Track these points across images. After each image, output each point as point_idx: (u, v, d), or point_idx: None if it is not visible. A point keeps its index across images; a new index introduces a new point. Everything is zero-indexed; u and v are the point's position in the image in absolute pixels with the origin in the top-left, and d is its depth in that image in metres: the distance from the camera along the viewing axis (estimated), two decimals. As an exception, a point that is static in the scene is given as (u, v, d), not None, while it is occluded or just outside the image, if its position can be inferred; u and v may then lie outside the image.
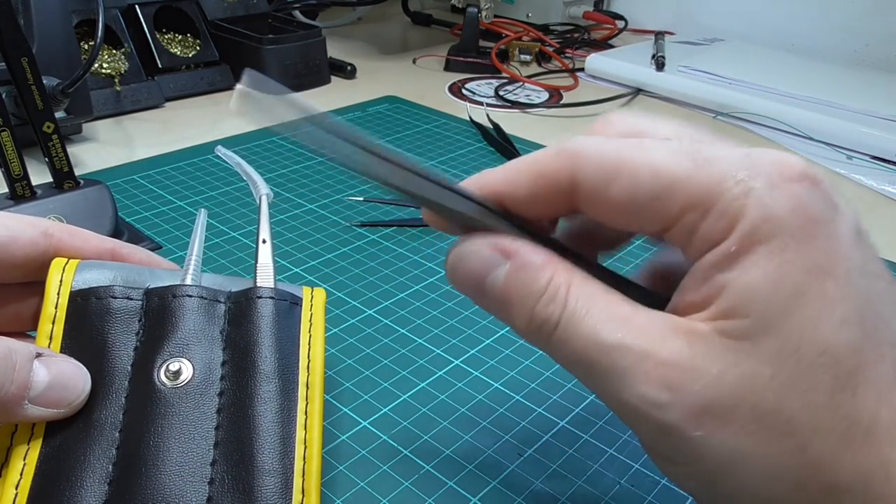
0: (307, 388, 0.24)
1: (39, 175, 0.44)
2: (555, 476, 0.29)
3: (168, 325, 0.24)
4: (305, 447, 0.23)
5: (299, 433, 0.23)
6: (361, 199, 0.51)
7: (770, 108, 0.70)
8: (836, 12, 0.92)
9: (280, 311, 0.25)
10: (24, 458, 0.21)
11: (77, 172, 0.43)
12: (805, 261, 0.17)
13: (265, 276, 0.27)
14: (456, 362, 0.35)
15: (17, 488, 0.21)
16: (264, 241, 0.28)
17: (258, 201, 0.30)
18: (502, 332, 0.38)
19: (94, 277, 0.25)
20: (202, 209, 0.30)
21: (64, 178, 0.43)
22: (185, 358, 0.24)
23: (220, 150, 0.35)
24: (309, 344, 0.26)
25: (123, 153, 0.58)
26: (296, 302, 0.27)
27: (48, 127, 0.41)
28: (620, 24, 1.02)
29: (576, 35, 0.99)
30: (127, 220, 0.47)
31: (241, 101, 0.19)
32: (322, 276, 0.42)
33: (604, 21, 1.03)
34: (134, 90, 0.66)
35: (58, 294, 0.24)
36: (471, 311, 0.39)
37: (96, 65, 0.64)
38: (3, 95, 0.41)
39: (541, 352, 0.36)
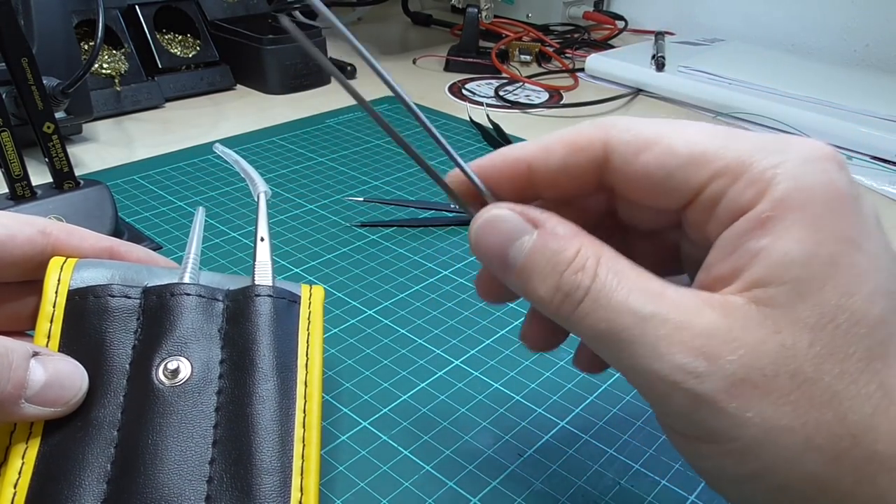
0: (306, 386, 0.24)
1: (39, 175, 0.44)
2: (555, 476, 0.29)
3: (166, 324, 0.24)
4: (304, 445, 0.23)
5: (298, 431, 0.23)
6: (361, 199, 0.51)
7: (770, 108, 0.70)
8: (837, 12, 0.92)
9: (278, 310, 0.25)
10: (23, 457, 0.21)
11: (77, 173, 0.43)
12: (837, 231, 0.17)
13: (263, 274, 0.27)
14: (456, 363, 0.35)
15: (15, 487, 0.21)
16: (262, 239, 0.28)
17: (256, 199, 0.30)
18: (502, 332, 0.38)
19: (92, 276, 0.25)
20: (200, 207, 0.30)
21: (64, 179, 0.43)
22: (184, 356, 0.24)
23: (219, 148, 0.35)
24: (307, 342, 0.25)
25: (123, 153, 0.58)
26: (294, 300, 0.26)
27: (48, 127, 0.41)
28: (620, 24, 1.02)
29: (576, 35, 0.99)
30: (127, 220, 0.47)
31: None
32: (322, 276, 0.42)
33: (604, 21, 1.03)
34: (134, 90, 0.66)
35: (55, 293, 0.24)
36: (471, 312, 0.39)
37: (96, 65, 0.64)
38: (3, 95, 0.41)
39: (541, 352, 0.36)
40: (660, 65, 0.79)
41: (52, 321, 0.24)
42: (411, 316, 0.39)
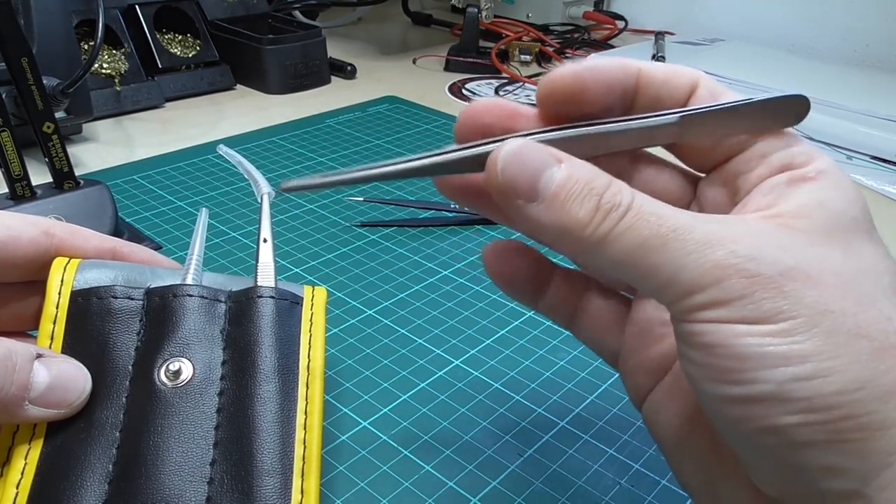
0: (307, 387, 0.24)
1: (39, 175, 0.44)
2: (555, 476, 0.29)
3: (168, 325, 0.24)
4: (305, 447, 0.23)
5: (299, 433, 0.23)
6: (361, 199, 0.51)
7: (770, 108, 0.70)
8: (837, 13, 0.92)
9: (281, 311, 0.25)
10: (26, 458, 0.21)
11: (77, 172, 0.43)
12: (862, 211, 0.20)
13: (266, 276, 0.27)
14: (456, 362, 0.35)
15: (17, 487, 0.21)
16: (265, 241, 0.28)
17: (259, 200, 0.30)
18: (502, 332, 0.38)
19: (95, 277, 0.25)
20: (203, 208, 0.30)
21: (64, 179, 0.43)
22: (186, 357, 0.24)
23: (222, 149, 0.35)
24: (309, 343, 0.25)
25: (123, 153, 0.58)
26: (296, 301, 0.26)
27: (48, 127, 0.41)
28: (620, 24, 1.02)
29: (576, 35, 0.99)
30: (127, 220, 0.47)
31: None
32: (322, 276, 0.42)
33: (604, 21, 1.03)
34: (134, 90, 0.66)
35: (59, 294, 0.24)
36: (471, 312, 0.39)
37: (96, 65, 0.64)
38: (3, 95, 0.41)
39: (541, 352, 0.36)
40: (660, 65, 0.79)
41: (55, 322, 0.24)
42: (411, 316, 0.39)
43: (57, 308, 0.24)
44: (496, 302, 0.40)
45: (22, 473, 0.21)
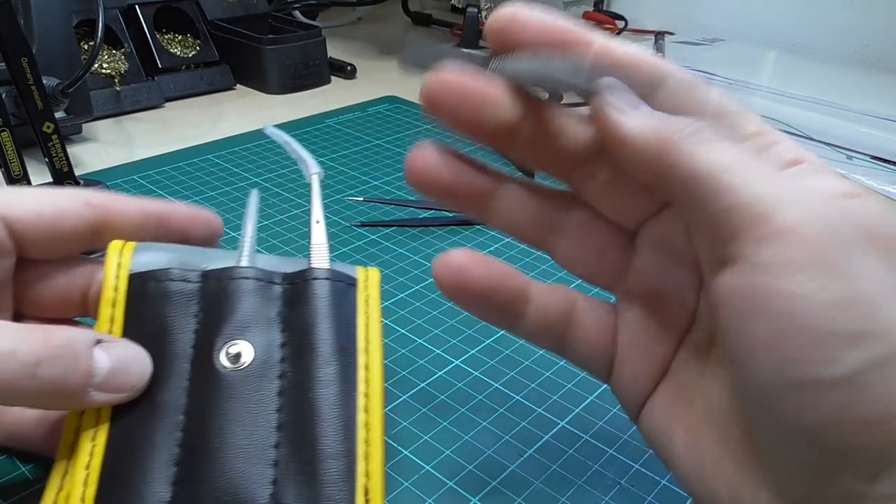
0: (366, 369, 0.24)
1: (39, 175, 0.44)
2: (555, 476, 0.29)
3: (226, 308, 0.24)
4: (367, 430, 0.22)
5: (360, 416, 0.22)
6: (361, 199, 0.51)
7: (770, 108, 0.70)
8: (837, 12, 0.92)
9: (336, 293, 0.25)
10: (93, 440, 0.21)
11: (77, 172, 0.43)
12: None
13: (320, 257, 0.26)
14: (456, 362, 0.35)
15: (87, 468, 0.21)
16: (318, 222, 0.28)
17: (309, 181, 0.30)
18: (502, 332, 0.38)
19: (151, 260, 0.25)
20: (254, 190, 0.30)
21: (64, 179, 0.43)
22: (245, 340, 0.23)
23: (268, 129, 0.34)
24: (366, 325, 0.25)
25: (123, 153, 0.58)
26: (351, 283, 0.26)
27: (48, 127, 0.41)
28: (620, 24, 1.02)
29: (576, 35, 0.99)
30: (127, 220, 0.47)
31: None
32: (322, 276, 0.42)
33: (604, 21, 1.03)
34: (134, 90, 0.66)
35: (116, 277, 0.24)
36: (471, 311, 0.39)
37: (96, 65, 0.64)
38: (3, 95, 0.41)
39: (541, 352, 0.36)
40: (660, 65, 0.79)
41: (114, 306, 0.24)
42: (411, 316, 0.39)
43: (115, 291, 0.24)
44: (496, 302, 0.40)
45: (90, 454, 0.21)
